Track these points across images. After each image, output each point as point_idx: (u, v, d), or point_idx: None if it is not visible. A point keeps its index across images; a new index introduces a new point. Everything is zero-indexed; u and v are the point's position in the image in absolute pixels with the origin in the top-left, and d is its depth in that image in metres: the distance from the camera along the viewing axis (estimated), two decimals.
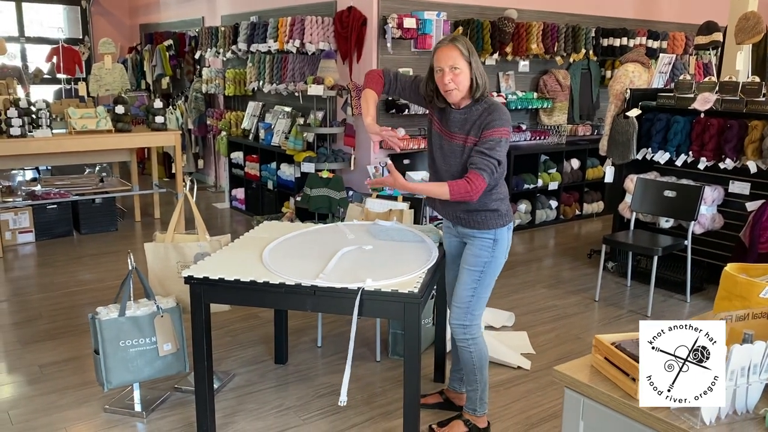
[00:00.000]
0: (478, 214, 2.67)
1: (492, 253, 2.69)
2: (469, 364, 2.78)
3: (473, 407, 2.86)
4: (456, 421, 2.89)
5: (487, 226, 2.68)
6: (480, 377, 2.80)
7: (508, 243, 2.75)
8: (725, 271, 1.63)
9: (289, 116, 6.39)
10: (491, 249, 2.69)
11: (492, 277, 2.73)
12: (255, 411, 3.10)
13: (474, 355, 2.75)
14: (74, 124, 5.75)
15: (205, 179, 8.78)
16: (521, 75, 6.65)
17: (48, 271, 5.15)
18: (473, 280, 2.70)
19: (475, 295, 2.71)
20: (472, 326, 2.73)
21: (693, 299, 4.60)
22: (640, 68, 5.22)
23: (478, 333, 2.76)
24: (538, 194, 6.63)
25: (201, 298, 2.60)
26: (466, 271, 2.72)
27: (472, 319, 2.73)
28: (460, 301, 2.73)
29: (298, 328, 4.04)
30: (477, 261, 2.70)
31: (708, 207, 4.59)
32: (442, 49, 2.55)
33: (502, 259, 2.75)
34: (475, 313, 2.73)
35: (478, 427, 2.87)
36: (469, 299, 2.71)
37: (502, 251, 2.73)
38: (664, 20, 7.63)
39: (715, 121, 4.53)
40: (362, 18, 5.59)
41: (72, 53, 8.37)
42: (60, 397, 3.21)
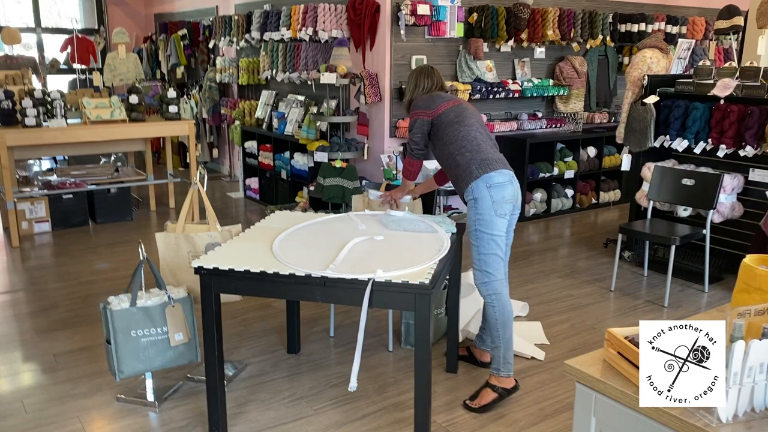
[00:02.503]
0: (453, 171, 3.01)
1: (476, 210, 2.91)
2: (492, 319, 2.98)
3: (497, 367, 3.01)
4: (484, 390, 3.03)
5: (464, 184, 2.94)
6: (503, 334, 2.96)
7: (492, 198, 2.89)
8: (744, 263, 1.58)
9: (302, 105, 6.36)
10: (474, 208, 2.93)
11: (487, 233, 2.91)
12: (267, 401, 3.10)
13: (497, 310, 2.96)
14: (89, 114, 5.77)
15: (220, 168, 8.80)
16: (537, 62, 6.55)
17: (64, 260, 5.18)
18: (474, 239, 2.96)
19: (481, 254, 2.94)
20: (491, 283, 2.95)
21: (711, 289, 4.53)
22: (658, 54, 5.12)
23: (501, 289, 2.97)
24: (554, 183, 6.55)
25: (211, 288, 2.59)
26: (470, 234, 2.98)
27: (489, 276, 2.95)
28: (474, 263, 2.99)
29: (311, 318, 4.03)
30: (469, 222, 2.96)
31: (727, 195, 4.50)
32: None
33: (491, 215, 2.90)
34: (487, 270, 2.94)
35: (506, 389, 3.00)
36: (478, 258, 2.96)
37: (487, 207, 2.89)
38: (684, 5, 7.48)
39: (735, 107, 4.43)
40: (375, 5, 5.54)
41: (86, 43, 8.39)
42: (74, 386, 3.23)
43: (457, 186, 3.03)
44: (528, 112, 6.59)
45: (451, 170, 3.05)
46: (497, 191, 2.90)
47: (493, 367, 3.03)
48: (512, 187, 2.95)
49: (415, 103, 3.17)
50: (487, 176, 2.90)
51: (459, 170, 2.97)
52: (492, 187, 2.89)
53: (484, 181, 2.89)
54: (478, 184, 2.89)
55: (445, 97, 3.14)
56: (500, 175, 2.91)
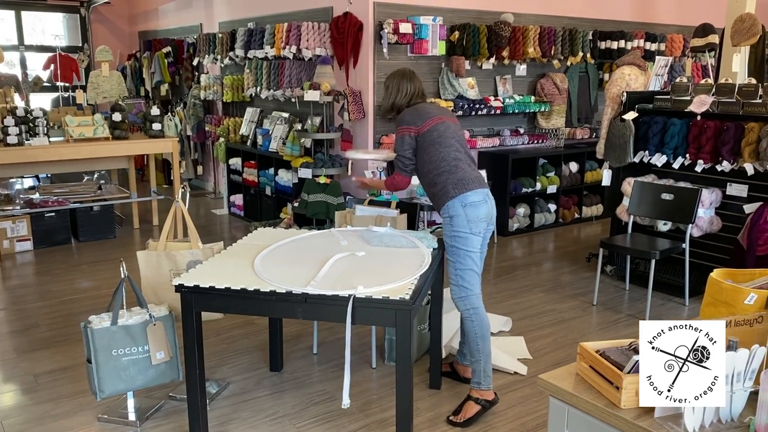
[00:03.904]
0: (433, 189, 3.07)
1: (452, 228, 3.01)
2: (472, 333, 3.06)
3: (478, 380, 3.06)
4: (467, 403, 3.07)
5: (442, 202, 3.03)
6: (482, 347, 3.05)
7: (467, 216, 2.99)
8: (711, 277, 1.62)
9: (286, 122, 6.39)
10: (450, 225, 3.02)
11: (463, 249, 3.00)
12: (249, 419, 3.09)
13: (475, 324, 3.05)
14: (71, 132, 5.76)
15: (204, 185, 8.79)
16: (518, 79, 6.64)
17: (46, 279, 5.15)
18: (451, 254, 3.05)
19: (458, 269, 3.03)
20: (468, 297, 3.05)
21: (691, 302, 4.58)
22: (636, 71, 5.21)
23: (477, 303, 3.07)
24: (537, 198, 6.61)
25: (192, 306, 2.60)
26: (447, 251, 3.07)
27: (466, 291, 3.04)
28: (450, 278, 3.08)
29: (294, 335, 4.03)
30: (445, 238, 3.06)
31: (706, 210, 4.57)
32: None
33: (466, 233, 3.00)
34: (464, 285, 3.04)
35: (489, 401, 3.07)
36: (455, 274, 3.05)
37: (462, 225, 2.99)
38: (662, 22, 7.62)
39: (712, 123, 4.52)
40: (358, 23, 5.60)
41: (69, 61, 8.39)
42: (54, 406, 3.20)
43: (434, 203, 3.12)
44: (510, 128, 6.67)
45: (429, 188, 3.13)
46: (472, 210, 2.99)
47: (474, 381, 3.08)
48: (486, 206, 3.05)
49: (402, 117, 3.18)
50: (463, 196, 2.99)
51: (436, 189, 3.06)
52: (467, 206, 2.99)
53: (460, 200, 2.99)
54: (454, 203, 2.99)
55: (430, 112, 3.16)
56: (475, 195, 3.00)
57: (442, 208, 3.04)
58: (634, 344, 1.56)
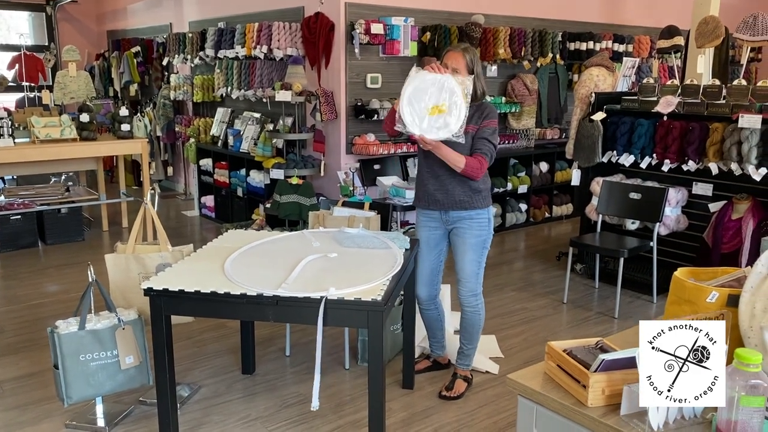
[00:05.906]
0: (479, 194, 3.14)
1: (488, 229, 3.21)
2: (476, 325, 3.30)
3: (468, 363, 3.38)
4: (457, 380, 3.35)
5: (482, 205, 3.16)
6: (479, 335, 3.36)
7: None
8: (674, 276, 1.65)
9: (258, 122, 6.35)
10: (488, 226, 3.20)
11: (486, 250, 3.24)
12: (221, 423, 3.07)
13: (481, 315, 3.30)
14: (37, 133, 5.65)
15: (175, 187, 8.69)
16: (489, 80, 6.68)
17: (11, 283, 5.04)
18: (479, 254, 3.19)
19: (481, 267, 3.24)
20: (480, 293, 3.30)
21: (659, 300, 4.66)
22: (604, 72, 5.29)
23: (482, 296, 3.33)
24: (508, 197, 6.67)
25: (161, 310, 2.57)
26: (470, 249, 3.18)
27: (480, 287, 3.29)
28: (470, 275, 3.22)
29: (267, 338, 4.01)
30: (479, 239, 3.18)
31: (672, 208, 4.65)
32: (452, 53, 3.04)
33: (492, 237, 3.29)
34: (481, 281, 3.29)
35: (470, 377, 3.41)
36: (477, 271, 3.22)
37: (492, 226, 3.26)
38: (630, 24, 7.74)
39: (677, 123, 4.60)
40: (330, 24, 5.58)
41: (34, 60, 8.22)
42: (21, 413, 3.14)
43: (471, 202, 3.13)
44: None
45: (475, 185, 3.11)
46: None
47: (465, 363, 3.38)
48: None
49: (493, 110, 3.13)
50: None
51: (484, 188, 3.18)
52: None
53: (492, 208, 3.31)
54: (491, 208, 3.25)
55: None
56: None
57: (483, 208, 3.17)
58: (601, 343, 1.59)
